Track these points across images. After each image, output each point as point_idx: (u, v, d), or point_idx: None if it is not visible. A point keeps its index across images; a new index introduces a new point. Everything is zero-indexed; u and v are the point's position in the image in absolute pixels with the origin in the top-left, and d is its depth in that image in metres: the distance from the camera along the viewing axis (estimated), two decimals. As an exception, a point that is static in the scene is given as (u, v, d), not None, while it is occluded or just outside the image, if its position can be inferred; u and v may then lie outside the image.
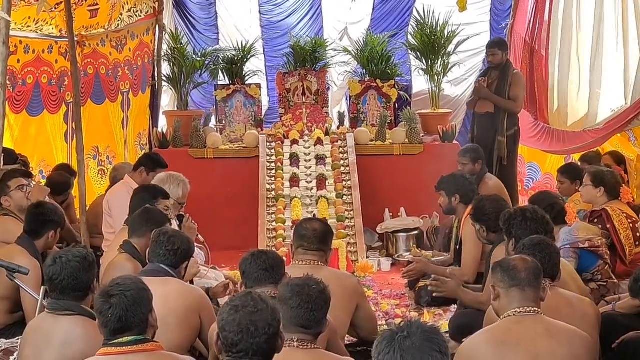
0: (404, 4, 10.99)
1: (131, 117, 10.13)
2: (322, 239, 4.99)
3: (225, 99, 10.13)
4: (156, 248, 4.74)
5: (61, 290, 4.07)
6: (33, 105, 8.27)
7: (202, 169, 9.37)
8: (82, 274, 4.10)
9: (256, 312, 3.14)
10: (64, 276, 4.06)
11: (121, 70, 9.83)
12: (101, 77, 9.42)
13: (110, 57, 9.60)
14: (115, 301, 3.56)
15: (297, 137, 9.60)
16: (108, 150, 9.58)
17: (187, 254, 4.85)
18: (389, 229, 8.74)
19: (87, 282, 4.13)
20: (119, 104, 9.81)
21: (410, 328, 2.80)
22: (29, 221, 5.66)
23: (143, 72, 10.40)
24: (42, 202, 5.92)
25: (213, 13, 11.28)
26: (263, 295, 3.25)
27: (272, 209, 8.77)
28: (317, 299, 3.76)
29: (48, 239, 5.63)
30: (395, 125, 9.92)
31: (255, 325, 3.11)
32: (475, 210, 5.99)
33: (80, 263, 4.11)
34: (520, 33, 10.23)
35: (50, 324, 4.07)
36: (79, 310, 4.07)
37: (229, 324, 3.13)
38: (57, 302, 4.08)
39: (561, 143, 9.24)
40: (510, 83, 9.10)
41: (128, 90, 9.99)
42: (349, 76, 10.74)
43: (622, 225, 6.46)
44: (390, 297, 7.22)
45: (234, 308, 3.16)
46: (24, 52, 8.04)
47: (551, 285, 4.30)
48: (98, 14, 8.94)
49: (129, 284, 3.64)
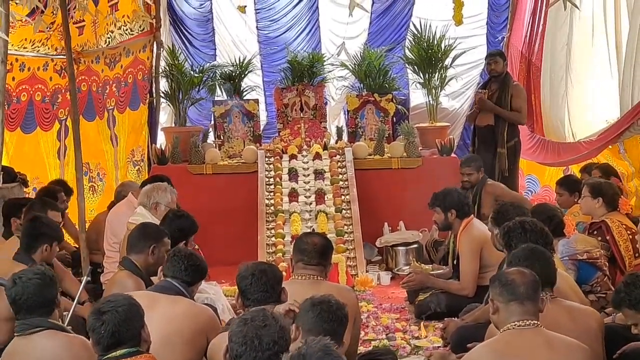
0: (400, 18, 11.02)
1: (120, 133, 10.12)
2: (322, 254, 4.98)
3: (224, 115, 10.15)
4: (176, 264, 4.66)
5: (27, 309, 4.09)
6: (26, 123, 8.29)
7: (201, 185, 9.39)
8: (45, 289, 4.13)
9: (263, 327, 3.18)
10: (27, 295, 4.09)
11: (109, 87, 9.84)
12: (93, 94, 9.43)
13: (102, 74, 9.62)
14: (108, 317, 3.58)
15: (296, 152, 9.61)
16: (98, 167, 9.57)
17: (205, 272, 4.84)
18: (388, 243, 8.73)
19: (51, 298, 4.16)
20: (105, 121, 9.81)
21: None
22: (23, 235, 5.66)
23: (134, 88, 10.39)
24: (37, 216, 5.89)
25: (210, 29, 11.30)
26: (276, 314, 3.30)
27: (271, 224, 8.77)
28: (337, 311, 3.77)
29: (43, 252, 5.59)
30: (393, 139, 9.93)
31: (260, 339, 3.14)
32: (498, 215, 5.88)
33: (41, 279, 4.14)
34: (517, 45, 10.27)
35: (24, 346, 4.07)
36: (49, 325, 4.10)
37: (236, 334, 3.18)
38: (25, 322, 4.09)
39: (556, 155, 9.26)
40: (512, 95, 9.12)
41: (113, 108, 9.98)
42: (346, 90, 10.76)
43: (621, 237, 6.45)
44: (390, 310, 7.21)
45: (243, 320, 3.22)
46: (19, 69, 8.06)
47: (552, 297, 4.30)
48: (84, 31, 8.98)
49: (120, 300, 3.66)
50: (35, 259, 5.52)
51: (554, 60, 9.48)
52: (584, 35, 8.94)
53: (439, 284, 6.84)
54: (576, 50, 9.10)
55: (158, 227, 5.61)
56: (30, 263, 5.36)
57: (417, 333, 6.46)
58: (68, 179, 8.79)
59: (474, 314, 5.93)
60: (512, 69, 10.15)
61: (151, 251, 5.30)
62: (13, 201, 6.75)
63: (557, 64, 9.41)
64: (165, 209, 6.48)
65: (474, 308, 6.07)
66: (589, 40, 8.83)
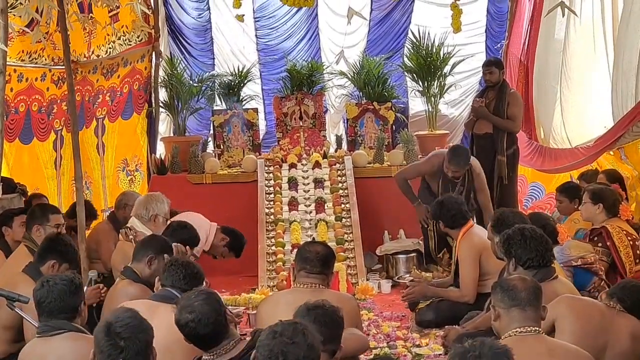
0: (399, 26, 11.02)
1: (108, 142, 10.07)
2: (325, 262, 4.97)
3: (223, 124, 10.16)
4: (174, 273, 4.65)
5: (49, 312, 4.13)
6: (24, 133, 8.29)
7: (201, 194, 9.39)
8: (69, 296, 4.15)
9: (290, 344, 3.15)
10: (51, 299, 4.12)
11: (101, 96, 9.81)
12: (85, 104, 9.38)
13: (96, 83, 9.60)
14: (126, 344, 3.45)
15: (295, 161, 9.61)
16: (85, 175, 9.49)
17: (202, 279, 4.83)
18: (389, 251, 8.74)
19: (75, 305, 4.18)
20: (92, 130, 9.75)
21: (483, 348, 2.99)
22: (39, 248, 5.58)
23: (128, 98, 10.38)
24: (60, 234, 5.81)
25: (209, 39, 11.30)
26: (308, 331, 3.24)
27: (271, 233, 8.77)
28: (332, 315, 3.79)
29: (49, 268, 5.48)
30: (392, 147, 9.93)
31: (285, 356, 3.13)
32: (498, 222, 5.80)
33: (67, 286, 4.16)
34: (516, 53, 10.26)
35: (42, 347, 4.09)
36: (70, 327, 4.11)
37: (263, 347, 3.17)
38: (46, 324, 4.12)
39: (553, 161, 9.24)
40: (508, 103, 9.09)
41: (104, 117, 9.95)
42: (345, 99, 10.77)
43: (622, 243, 6.44)
44: (391, 319, 7.20)
45: (273, 333, 3.20)
46: (17, 80, 8.07)
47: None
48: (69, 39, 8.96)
49: (136, 325, 3.52)
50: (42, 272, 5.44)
51: (549, 66, 9.47)
52: (581, 41, 8.94)
53: (439, 293, 6.83)
54: (573, 57, 9.09)
55: (164, 242, 5.54)
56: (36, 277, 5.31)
57: (418, 341, 6.45)
58: (64, 189, 8.78)
59: (474, 321, 5.91)
60: (511, 76, 10.14)
61: (148, 261, 5.28)
62: (6, 211, 6.72)
63: (553, 69, 9.41)
64: (163, 220, 6.49)
65: (475, 316, 6.05)
66: (587, 46, 8.83)
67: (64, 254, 5.43)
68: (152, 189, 9.26)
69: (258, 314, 4.98)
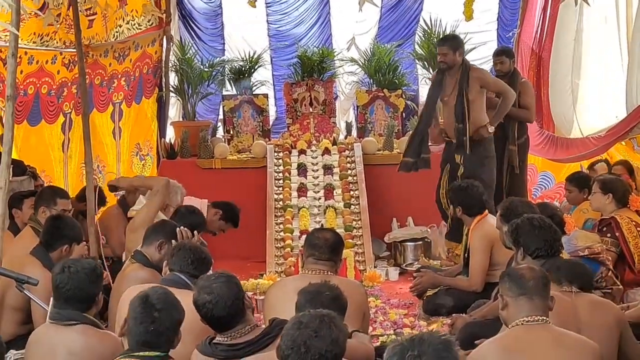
0: (410, 13, 10.97)
1: (125, 127, 10.06)
2: (334, 249, 4.97)
3: (233, 109, 10.16)
4: (182, 257, 4.65)
5: (65, 299, 4.07)
6: (32, 116, 8.28)
7: (210, 179, 9.40)
8: (89, 285, 4.11)
9: (314, 337, 3.09)
10: (70, 286, 4.06)
11: (117, 81, 9.78)
12: (94, 87, 9.34)
13: (109, 67, 9.56)
14: (160, 316, 3.54)
15: (305, 147, 9.61)
16: (98, 159, 9.47)
17: (210, 264, 4.83)
18: (397, 239, 8.73)
19: (92, 295, 4.14)
20: (109, 114, 9.73)
21: (422, 346, 2.73)
22: (45, 232, 5.58)
23: (140, 82, 10.37)
24: (62, 215, 5.82)
25: (219, 23, 11.26)
26: (334, 324, 3.17)
27: (280, 219, 8.78)
28: (330, 306, 3.72)
29: (62, 252, 5.51)
30: (402, 135, 9.91)
31: (307, 348, 3.07)
32: (506, 211, 5.79)
33: (88, 275, 4.12)
34: (528, 42, 10.21)
35: (53, 335, 4.06)
36: (83, 319, 4.07)
37: (287, 336, 3.12)
38: (59, 312, 4.08)
39: (565, 150, 9.21)
40: (520, 92, 9.06)
41: (121, 101, 9.93)
42: (356, 86, 10.75)
43: (631, 234, 6.43)
44: (398, 306, 7.20)
45: (298, 323, 3.14)
46: (27, 63, 8.05)
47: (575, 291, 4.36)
48: (94, 24, 8.97)
49: (171, 301, 3.62)
50: (52, 257, 5.48)
51: (561, 56, 9.44)
52: (594, 30, 8.90)
53: (447, 282, 6.83)
54: (586, 46, 9.06)
55: (175, 227, 5.58)
56: (46, 261, 5.35)
57: (425, 329, 6.46)
58: (71, 172, 8.77)
59: (482, 310, 5.92)
60: (522, 65, 10.08)
61: (159, 246, 5.29)
62: (16, 194, 6.73)
63: (565, 59, 9.37)
64: (173, 210, 6.53)
65: (482, 304, 6.06)
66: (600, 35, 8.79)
67: (71, 235, 5.50)
68: (161, 173, 9.29)
69: (266, 299, 4.98)
